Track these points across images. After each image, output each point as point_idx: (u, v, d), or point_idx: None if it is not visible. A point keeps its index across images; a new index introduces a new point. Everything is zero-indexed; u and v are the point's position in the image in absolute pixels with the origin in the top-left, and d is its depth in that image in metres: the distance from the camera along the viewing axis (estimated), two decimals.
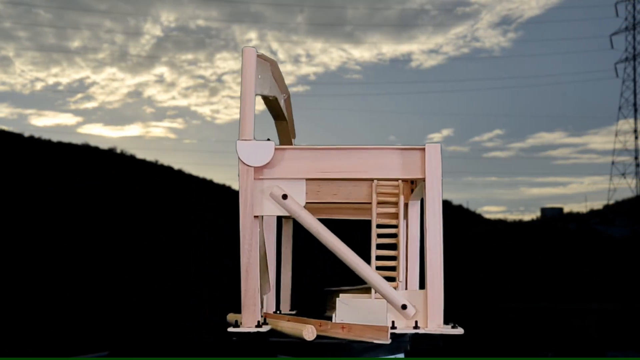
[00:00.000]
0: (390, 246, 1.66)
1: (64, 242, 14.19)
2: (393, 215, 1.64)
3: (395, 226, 1.63)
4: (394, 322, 1.43)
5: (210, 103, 54.61)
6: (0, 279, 11.57)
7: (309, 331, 1.32)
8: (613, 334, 12.43)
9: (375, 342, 1.32)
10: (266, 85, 1.55)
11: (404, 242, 1.64)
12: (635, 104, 35.30)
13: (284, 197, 1.43)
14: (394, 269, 1.59)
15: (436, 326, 1.42)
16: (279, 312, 1.83)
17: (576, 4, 68.53)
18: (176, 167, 25.16)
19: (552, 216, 32.26)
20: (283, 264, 1.88)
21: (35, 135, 23.99)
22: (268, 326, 1.42)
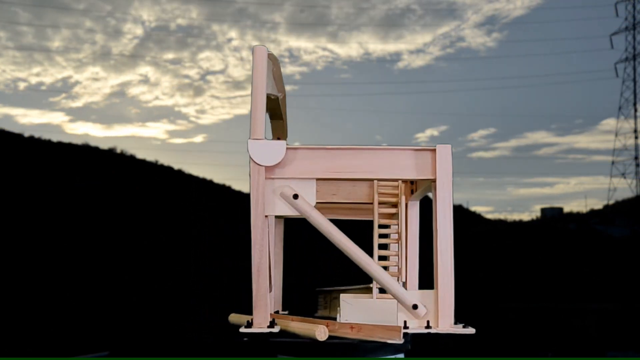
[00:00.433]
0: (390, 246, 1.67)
1: (64, 242, 14.18)
2: (393, 215, 1.65)
3: (396, 226, 1.64)
4: (405, 322, 1.43)
5: (195, 104, 54.40)
6: (0, 279, 11.56)
7: (321, 331, 1.32)
8: (613, 334, 12.43)
9: (388, 342, 1.31)
10: (270, 84, 1.55)
11: (404, 242, 1.64)
12: (635, 104, 35.32)
13: (295, 196, 1.42)
14: (395, 269, 1.59)
15: (448, 326, 1.41)
16: (277, 312, 1.82)
17: (562, 4, 68.89)
18: (176, 167, 25.20)
19: (552, 216, 32.33)
20: (274, 264, 1.87)
21: (26, 135, 23.93)
22: (278, 327, 1.42)
